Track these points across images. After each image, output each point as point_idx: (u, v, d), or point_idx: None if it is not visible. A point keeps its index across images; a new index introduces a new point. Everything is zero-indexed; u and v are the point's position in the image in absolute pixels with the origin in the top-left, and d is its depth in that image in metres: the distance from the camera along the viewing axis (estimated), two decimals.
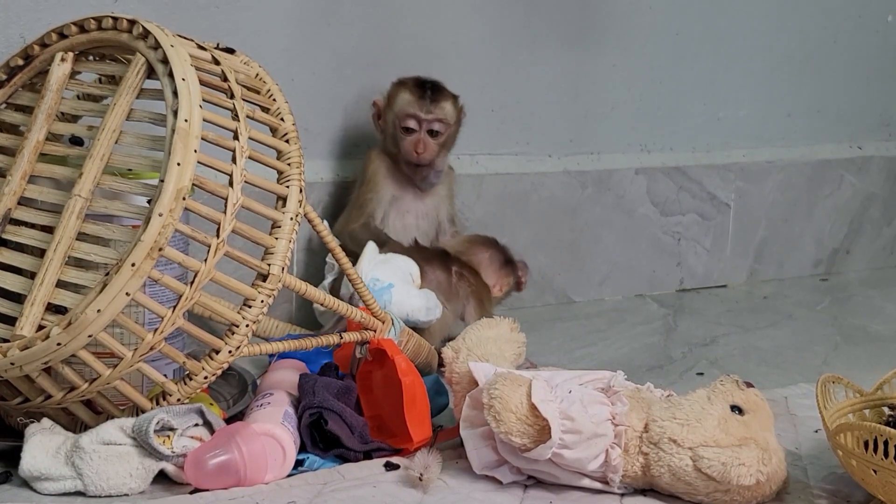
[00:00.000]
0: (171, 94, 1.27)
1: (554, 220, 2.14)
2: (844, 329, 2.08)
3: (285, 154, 1.38)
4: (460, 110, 1.87)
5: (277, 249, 1.32)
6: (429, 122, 1.81)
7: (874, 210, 2.55)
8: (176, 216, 1.22)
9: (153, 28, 1.31)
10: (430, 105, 1.81)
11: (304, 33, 1.87)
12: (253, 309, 1.30)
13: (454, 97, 1.86)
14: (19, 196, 1.33)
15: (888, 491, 1.22)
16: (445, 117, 1.82)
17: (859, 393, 1.42)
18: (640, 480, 1.29)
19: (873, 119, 2.55)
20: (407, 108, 1.81)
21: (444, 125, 1.82)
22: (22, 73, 1.39)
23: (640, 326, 2.05)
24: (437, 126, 1.82)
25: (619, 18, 2.18)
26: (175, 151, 1.23)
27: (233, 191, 1.27)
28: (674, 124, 2.28)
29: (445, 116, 1.82)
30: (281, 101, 1.41)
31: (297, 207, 1.35)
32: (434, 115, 1.81)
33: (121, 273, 1.20)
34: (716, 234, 2.34)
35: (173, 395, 1.30)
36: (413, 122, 1.81)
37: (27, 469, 1.24)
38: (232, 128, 1.31)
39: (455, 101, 1.86)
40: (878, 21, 2.51)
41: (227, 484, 1.26)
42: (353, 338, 1.45)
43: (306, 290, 1.37)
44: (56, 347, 1.21)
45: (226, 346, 1.30)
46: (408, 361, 1.40)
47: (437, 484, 1.30)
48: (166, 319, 1.25)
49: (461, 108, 1.87)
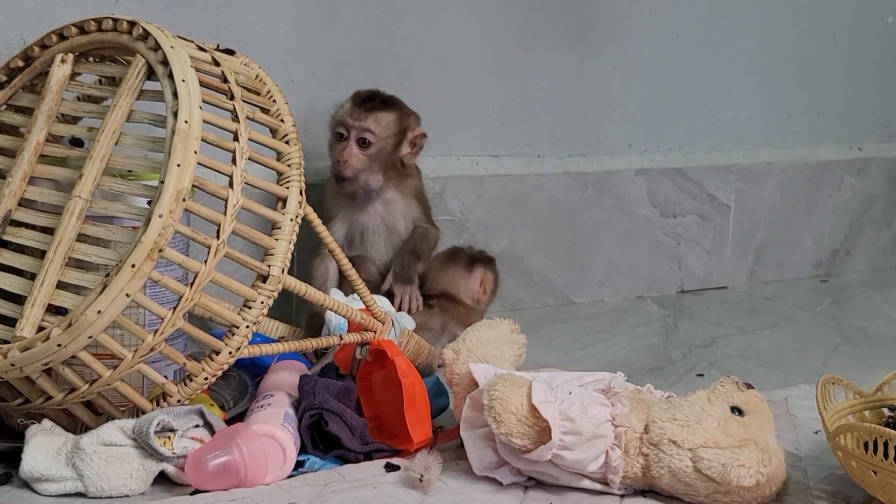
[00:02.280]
0: (171, 95, 1.27)
1: (554, 221, 2.14)
2: (844, 330, 2.08)
3: (285, 155, 1.38)
4: (407, 128, 1.76)
5: (277, 251, 1.32)
6: (358, 130, 1.72)
7: (874, 211, 2.55)
8: (176, 217, 1.22)
9: (153, 29, 1.31)
10: (361, 113, 1.72)
11: (304, 35, 1.88)
12: (253, 310, 1.30)
13: (406, 115, 1.77)
14: (19, 197, 1.33)
15: (888, 492, 1.22)
16: (376, 129, 1.72)
17: (859, 394, 1.42)
18: (640, 481, 1.30)
19: (873, 120, 2.55)
20: (341, 115, 1.74)
21: (375, 136, 1.72)
22: (22, 74, 1.39)
23: (640, 328, 2.05)
24: (367, 136, 1.72)
25: (619, 20, 2.18)
26: (175, 153, 1.23)
27: (233, 192, 1.27)
28: (674, 126, 2.28)
29: (376, 128, 1.72)
30: (281, 103, 1.41)
31: (297, 208, 1.35)
32: (363, 124, 1.71)
33: (121, 274, 1.20)
34: (716, 235, 2.34)
35: (173, 397, 1.30)
36: (342, 129, 1.73)
37: (28, 470, 1.24)
38: (232, 129, 1.31)
39: (401, 118, 1.76)
40: (877, 22, 2.51)
41: (228, 485, 1.26)
42: (353, 339, 1.45)
43: (306, 291, 1.37)
44: (56, 349, 1.21)
45: (226, 347, 1.30)
46: (408, 362, 1.40)
47: (437, 485, 1.30)
48: (166, 320, 1.25)
49: (409, 126, 1.77)
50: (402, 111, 1.77)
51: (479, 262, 1.86)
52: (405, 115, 1.78)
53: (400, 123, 1.76)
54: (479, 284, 1.85)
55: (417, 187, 1.84)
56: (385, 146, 1.75)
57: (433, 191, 1.94)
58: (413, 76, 1.97)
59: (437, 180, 1.98)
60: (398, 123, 1.76)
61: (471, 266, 1.85)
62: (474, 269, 1.85)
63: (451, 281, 1.83)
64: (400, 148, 1.77)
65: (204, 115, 1.27)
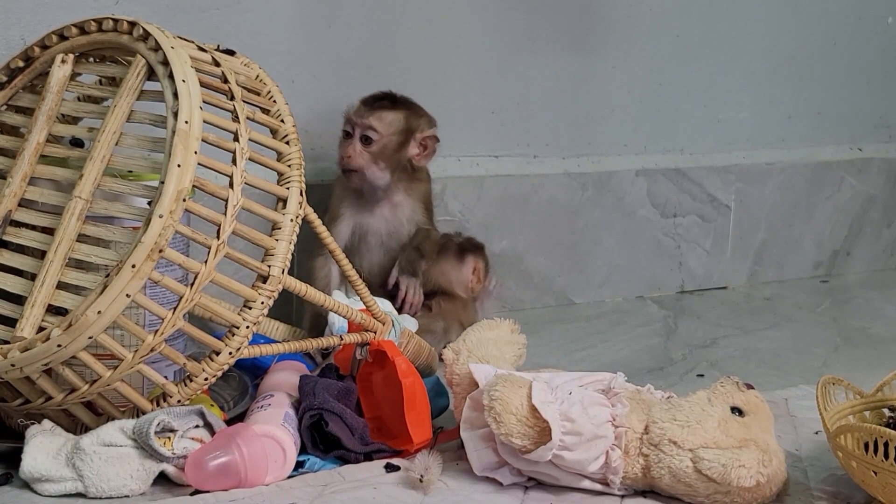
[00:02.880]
0: (172, 95, 1.27)
1: (554, 221, 2.14)
2: (844, 331, 2.08)
3: (285, 156, 1.38)
4: (415, 129, 1.77)
5: (278, 251, 1.32)
6: (362, 127, 1.74)
7: (874, 212, 2.55)
8: (176, 217, 1.22)
9: (154, 30, 1.31)
10: (366, 111, 1.75)
11: (305, 35, 1.88)
12: (253, 310, 1.30)
13: (416, 116, 1.78)
14: (20, 198, 1.33)
15: (888, 492, 1.22)
16: (379, 126, 1.74)
17: (859, 395, 1.42)
18: (640, 482, 1.29)
19: (873, 121, 2.55)
20: (349, 113, 1.76)
21: (378, 134, 1.74)
22: (22, 74, 1.39)
23: (641, 328, 2.05)
24: (370, 133, 1.74)
25: (619, 21, 2.18)
26: (175, 153, 1.23)
27: (233, 192, 1.27)
28: (674, 126, 2.28)
29: (379, 125, 1.74)
30: (281, 103, 1.41)
31: (298, 209, 1.35)
32: (366, 122, 1.74)
33: (121, 274, 1.20)
34: (716, 235, 2.34)
35: (174, 397, 1.30)
36: (348, 126, 1.76)
37: (28, 471, 1.24)
38: (232, 129, 1.31)
39: (408, 118, 1.77)
40: (877, 23, 2.51)
41: (228, 485, 1.26)
42: (353, 339, 1.45)
43: (307, 291, 1.37)
44: (56, 349, 1.21)
45: (226, 347, 1.30)
46: (408, 363, 1.40)
47: (437, 485, 1.30)
48: (167, 321, 1.25)
49: (417, 127, 1.78)
50: (411, 111, 1.79)
51: (469, 252, 1.87)
52: (414, 116, 1.78)
53: (406, 123, 1.77)
54: (471, 273, 1.85)
55: (426, 192, 1.85)
56: (388, 144, 1.75)
57: (433, 191, 1.94)
58: (413, 76, 1.97)
59: (437, 181, 1.98)
60: (404, 122, 1.77)
61: (461, 256, 1.86)
62: (465, 258, 1.86)
63: (441, 273, 1.83)
64: (406, 148, 1.78)
65: (204, 116, 1.27)
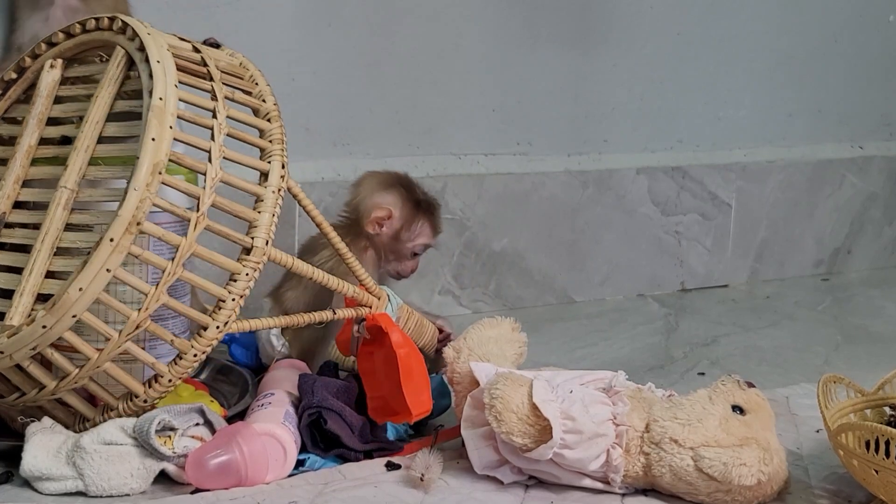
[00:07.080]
0: (147, 76, 1.27)
1: (555, 220, 2.14)
2: (845, 329, 2.08)
3: (267, 132, 1.37)
4: None
5: (261, 222, 1.30)
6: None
7: (875, 210, 2.55)
8: (153, 191, 1.21)
9: (131, 21, 1.32)
10: None
11: (305, 33, 1.88)
12: (239, 283, 1.29)
13: None
14: (14, 200, 1.33)
15: (889, 491, 1.22)
16: None
17: (860, 393, 1.41)
18: (641, 480, 1.29)
19: (874, 119, 2.55)
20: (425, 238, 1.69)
21: None
22: (16, 85, 1.41)
23: (641, 326, 2.05)
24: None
25: (620, 18, 2.18)
26: (150, 127, 1.23)
27: (211, 166, 1.27)
28: (675, 124, 2.28)
29: None
30: (263, 85, 1.40)
31: (280, 182, 1.33)
32: None
33: (100, 250, 1.20)
34: (717, 233, 2.34)
35: (164, 377, 1.28)
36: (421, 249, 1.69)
37: (28, 469, 1.24)
38: (210, 108, 1.31)
39: None
40: (878, 21, 2.50)
41: (229, 484, 1.26)
42: (347, 314, 1.42)
43: (293, 263, 1.36)
44: (42, 331, 1.21)
45: (213, 322, 1.28)
46: (403, 334, 1.38)
47: (438, 484, 1.30)
48: (150, 295, 1.24)
49: None
50: None
51: None
52: None
53: None
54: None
55: None
56: None
57: (434, 189, 1.93)
58: (413, 75, 1.97)
59: (437, 179, 1.98)
60: None
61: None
62: None
63: None
64: None
65: (181, 94, 1.27)
